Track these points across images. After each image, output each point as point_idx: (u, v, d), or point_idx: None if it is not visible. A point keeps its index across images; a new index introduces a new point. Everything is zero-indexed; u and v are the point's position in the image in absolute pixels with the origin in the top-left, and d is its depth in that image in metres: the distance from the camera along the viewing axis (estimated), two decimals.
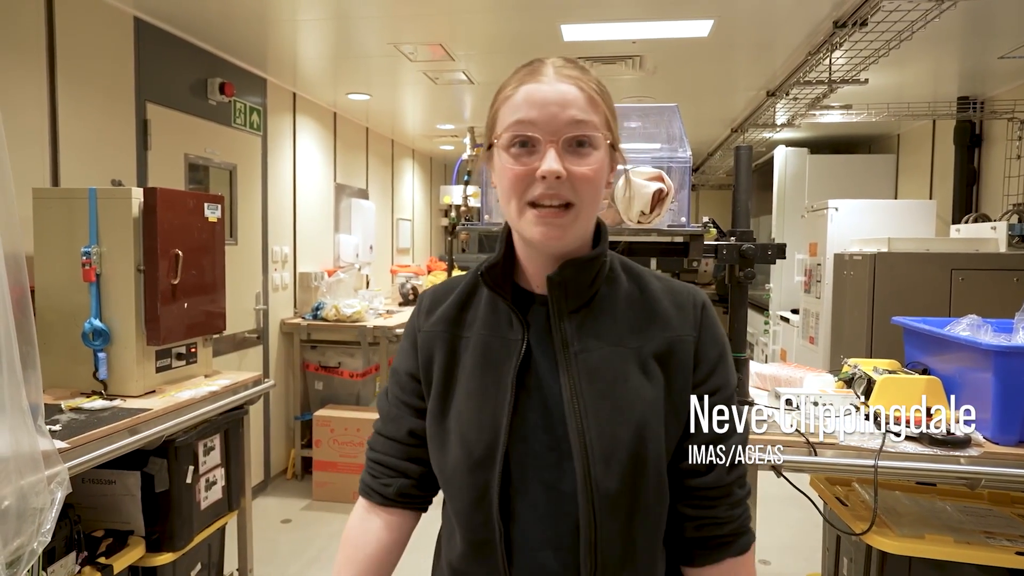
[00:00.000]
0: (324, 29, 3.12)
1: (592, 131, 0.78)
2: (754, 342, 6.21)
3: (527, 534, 0.80)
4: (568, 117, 0.77)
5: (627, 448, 0.78)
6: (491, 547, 0.80)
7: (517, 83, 0.81)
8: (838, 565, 2.11)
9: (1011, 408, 1.65)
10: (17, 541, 1.25)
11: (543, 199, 0.77)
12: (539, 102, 0.78)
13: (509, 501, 0.80)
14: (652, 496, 0.80)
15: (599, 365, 0.81)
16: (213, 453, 2.30)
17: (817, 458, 1.68)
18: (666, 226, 1.85)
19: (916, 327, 2.02)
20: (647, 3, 2.75)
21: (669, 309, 0.85)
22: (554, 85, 0.78)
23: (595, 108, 0.79)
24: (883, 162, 5.49)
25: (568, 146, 0.78)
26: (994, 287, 3.14)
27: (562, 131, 0.77)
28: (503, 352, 0.83)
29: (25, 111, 2.34)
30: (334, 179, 4.89)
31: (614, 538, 0.78)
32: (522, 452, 0.80)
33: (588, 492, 0.77)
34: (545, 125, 0.77)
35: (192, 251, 2.26)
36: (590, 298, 0.84)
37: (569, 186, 0.77)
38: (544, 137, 0.77)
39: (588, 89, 0.79)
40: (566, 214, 0.78)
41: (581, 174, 0.77)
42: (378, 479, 0.93)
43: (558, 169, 0.76)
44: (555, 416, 0.80)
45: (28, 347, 1.34)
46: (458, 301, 0.89)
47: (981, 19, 2.88)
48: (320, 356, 4.25)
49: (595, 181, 0.79)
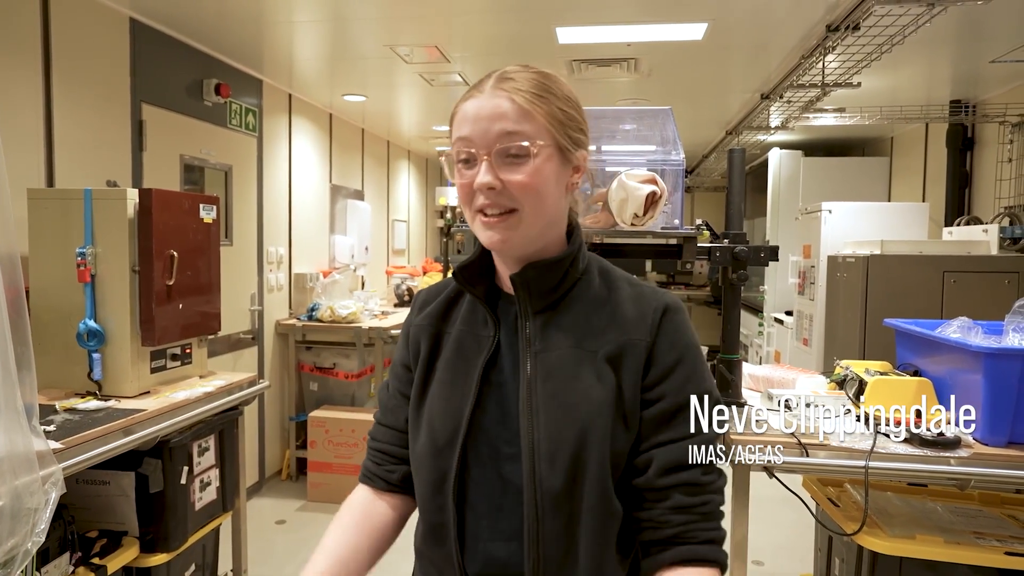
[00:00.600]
0: (320, 31, 3.12)
1: (521, 140, 0.80)
2: (748, 344, 6.23)
3: (480, 523, 0.84)
4: (498, 130, 0.80)
5: (570, 448, 0.80)
6: (446, 531, 0.84)
7: (463, 99, 0.85)
8: (830, 566, 2.13)
9: (1000, 409, 1.67)
10: (11, 541, 1.25)
11: (485, 208, 0.81)
12: (472, 118, 0.82)
13: (465, 490, 0.84)
14: (595, 498, 0.80)
15: (555, 365, 0.83)
16: (208, 454, 2.30)
17: (809, 459, 1.69)
18: (660, 228, 1.87)
19: (907, 329, 2.04)
20: (642, 6, 2.77)
21: (629, 312, 0.86)
22: (487, 100, 0.82)
23: (527, 118, 0.81)
24: (876, 165, 5.53)
25: (501, 157, 0.80)
26: (985, 289, 3.17)
27: (492, 144, 0.80)
28: (475, 347, 0.87)
29: (20, 111, 2.34)
30: (330, 180, 4.89)
31: (557, 535, 0.80)
32: (480, 443, 0.84)
33: (532, 488, 0.80)
34: (478, 139, 0.81)
35: (187, 252, 2.26)
36: (557, 299, 0.86)
37: (508, 194, 0.81)
38: (478, 151, 0.81)
39: (521, 99, 0.81)
40: (509, 219, 0.81)
41: (516, 182, 0.80)
42: (381, 466, 0.96)
43: (489, 181, 0.80)
44: (513, 412, 0.84)
45: (23, 347, 1.34)
46: (446, 299, 0.94)
47: (973, 24, 2.91)
48: (315, 357, 4.25)
49: (533, 186, 0.81)
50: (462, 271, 0.89)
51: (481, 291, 0.89)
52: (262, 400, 3.97)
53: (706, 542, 0.81)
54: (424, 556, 0.90)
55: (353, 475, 3.83)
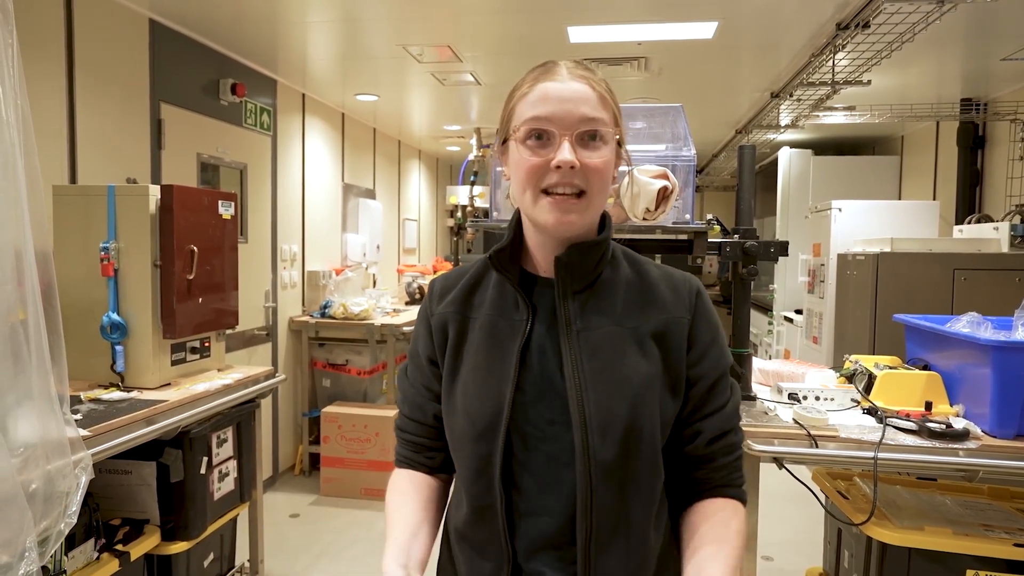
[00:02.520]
0: (333, 31, 3.17)
1: (602, 127, 0.85)
2: (758, 342, 6.24)
3: (528, 501, 0.86)
4: (581, 113, 0.83)
5: (623, 420, 0.83)
6: (492, 512, 0.86)
7: (532, 81, 0.87)
8: (839, 558, 2.15)
9: (1009, 402, 1.69)
10: (44, 523, 1.30)
11: (557, 187, 0.84)
12: (554, 98, 0.84)
13: (511, 470, 0.86)
14: (646, 468, 0.86)
15: (599, 342, 0.87)
16: (226, 445, 2.34)
17: (818, 450, 1.72)
18: (671, 223, 1.89)
19: (917, 324, 2.06)
20: (652, 5, 2.80)
21: (665, 293, 0.91)
22: (568, 83, 0.85)
23: (605, 106, 0.86)
24: (887, 163, 5.52)
25: (580, 139, 0.84)
26: (996, 287, 3.17)
27: (576, 126, 0.83)
28: (508, 331, 0.89)
29: (45, 110, 2.40)
30: (342, 179, 4.94)
31: (608, 506, 0.84)
32: (523, 424, 0.86)
33: (585, 460, 0.83)
34: (560, 120, 0.83)
35: (207, 248, 2.31)
36: (593, 280, 0.90)
37: (581, 175, 0.84)
38: (559, 131, 0.83)
39: (599, 88, 0.86)
40: (579, 201, 0.85)
41: (593, 165, 0.84)
42: (419, 454, 0.99)
43: (572, 159, 0.82)
44: (555, 390, 0.86)
45: (55, 337, 1.38)
46: (468, 285, 0.96)
47: (983, 21, 2.92)
48: (328, 354, 4.30)
49: (604, 172, 0.85)
50: (497, 255, 0.91)
51: (514, 275, 0.91)
52: (276, 396, 4.02)
53: (740, 486, 0.94)
54: (467, 538, 0.91)
55: (365, 470, 3.85)
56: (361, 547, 3.25)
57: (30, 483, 1.29)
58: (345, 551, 3.21)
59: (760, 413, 1.93)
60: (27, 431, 1.31)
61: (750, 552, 1.84)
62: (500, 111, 0.92)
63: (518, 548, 0.86)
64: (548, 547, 0.86)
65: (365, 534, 3.39)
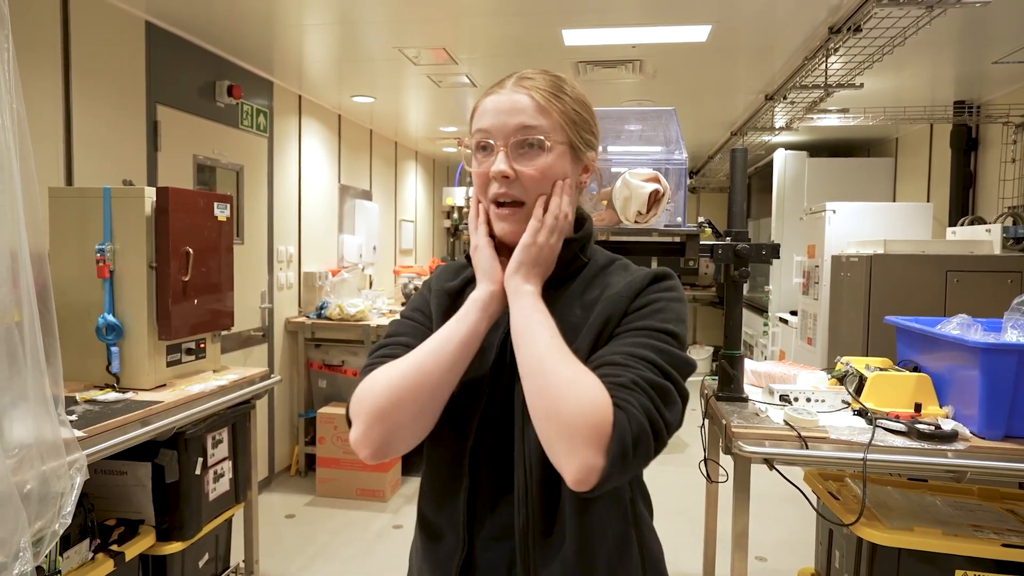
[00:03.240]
0: (330, 33, 3.18)
1: (537, 134, 0.86)
2: (753, 344, 6.26)
3: (487, 486, 0.88)
4: (516, 122, 0.86)
5: None
6: (456, 494, 0.88)
7: (484, 95, 0.90)
8: (830, 558, 2.16)
9: (996, 404, 1.71)
10: (39, 523, 1.31)
11: (497, 197, 0.87)
12: (493, 110, 0.87)
13: (480, 456, 0.88)
14: None
15: None
16: (221, 446, 2.35)
17: (809, 451, 1.73)
18: (663, 226, 1.91)
19: (907, 326, 2.07)
20: (647, 8, 2.81)
21: (619, 282, 0.89)
22: (508, 95, 0.87)
23: (544, 114, 0.86)
24: (881, 165, 5.54)
25: (517, 148, 0.86)
26: (988, 288, 3.19)
27: (510, 135, 0.86)
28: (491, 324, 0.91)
29: (41, 112, 2.41)
30: (338, 180, 4.95)
31: (540, 492, 0.84)
32: (495, 412, 0.88)
33: (522, 447, 0.84)
34: (497, 131, 0.86)
35: (202, 249, 2.32)
36: (559, 281, 0.91)
37: (519, 185, 0.86)
38: (496, 141, 0.86)
39: (539, 97, 0.87)
40: (519, 211, 0.87)
41: (527, 174, 0.86)
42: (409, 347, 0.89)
43: (504, 169, 0.85)
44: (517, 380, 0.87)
45: (50, 339, 1.39)
46: (464, 280, 0.98)
47: (975, 25, 2.94)
48: (324, 355, 4.31)
49: (543, 180, 0.86)
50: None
51: None
52: (272, 396, 4.03)
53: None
54: (426, 520, 0.92)
55: (362, 471, 3.86)
56: (356, 548, 3.26)
57: (25, 484, 1.30)
58: (340, 552, 3.22)
59: (751, 414, 1.94)
60: (22, 432, 1.32)
61: (742, 552, 1.86)
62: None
63: (474, 533, 0.87)
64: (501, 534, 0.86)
65: (360, 535, 3.40)
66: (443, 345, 0.82)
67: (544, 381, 0.75)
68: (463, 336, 0.82)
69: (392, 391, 0.81)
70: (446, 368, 0.81)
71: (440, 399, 0.83)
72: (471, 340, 0.83)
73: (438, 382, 0.81)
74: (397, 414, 0.80)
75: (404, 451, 0.84)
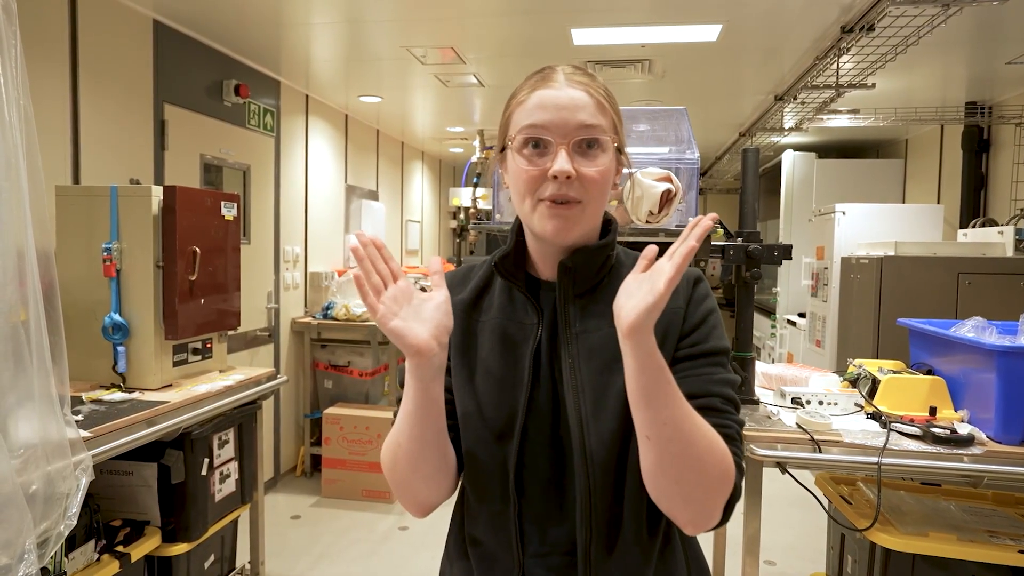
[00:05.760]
0: (337, 32, 3.17)
1: (600, 134, 0.83)
2: (761, 346, 6.22)
3: (536, 505, 0.86)
4: (578, 121, 0.82)
5: (618, 420, 0.82)
6: (506, 516, 0.86)
7: (530, 89, 0.85)
8: (842, 563, 2.14)
9: (1014, 408, 1.68)
10: (44, 524, 1.29)
11: (557, 197, 0.82)
12: (551, 106, 0.82)
13: (523, 474, 0.86)
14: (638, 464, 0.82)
15: (597, 345, 0.86)
16: (227, 446, 2.34)
17: (821, 455, 1.71)
18: (674, 226, 1.89)
19: (921, 328, 2.04)
20: (657, 8, 2.79)
21: None
22: (565, 90, 0.83)
23: (603, 113, 0.84)
24: (891, 167, 5.50)
25: (578, 148, 0.82)
26: (1001, 291, 3.16)
27: (572, 134, 0.82)
28: (520, 335, 0.89)
29: (48, 110, 2.40)
30: (345, 180, 4.95)
31: (608, 506, 0.83)
32: (535, 428, 0.86)
33: (584, 462, 0.82)
34: (556, 128, 0.82)
35: (209, 248, 2.31)
36: (594, 285, 0.89)
37: (578, 185, 0.82)
38: (555, 139, 0.82)
39: (597, 95, 0.84)
40: (574, 208, 0.83)
41: (589, 175, 0.82)
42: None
43: (569, 169, 0.80)
44: (559, 393, 0.86)
45: (56, 338, 1.38)
46: (476, 288, 0.95)
47: (989, 25, 2.91)
48: (330, 355, 4.30)
49: (601, 182, 0.84)
50: (503, 263, 0.92)
51: (522, 280, 0.91)
52: (278, 397, 4.02)
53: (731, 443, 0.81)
54: (478, 544, 0.90)
55: (367, 472, 3.84)
56: (362, 549, 3.25)
57: (30, 484, 1.29)
58: (346, 553, 3.20)
59: (763, 417, 1.92)
60: (27, 432, 1.31)
61: (753, 557, 1.83)
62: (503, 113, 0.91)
63: (528, 552, 0.86)
64: (555, 551, 0.85)
65: (366, 536, 3.38)
66: (402, 419, 0.83)
67: (688, 445, 0.75)
68: (409, 407, 0.82)
69: (392, 467, 0.87)
70: (416, 437, 0.83)
71: (428, 459, 0.84)
72: (420, 406, 0.81)
73: (419, 450, 0.83)
74: (406, 482, 0.87)
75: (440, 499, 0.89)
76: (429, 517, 0.97)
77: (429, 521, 3.50)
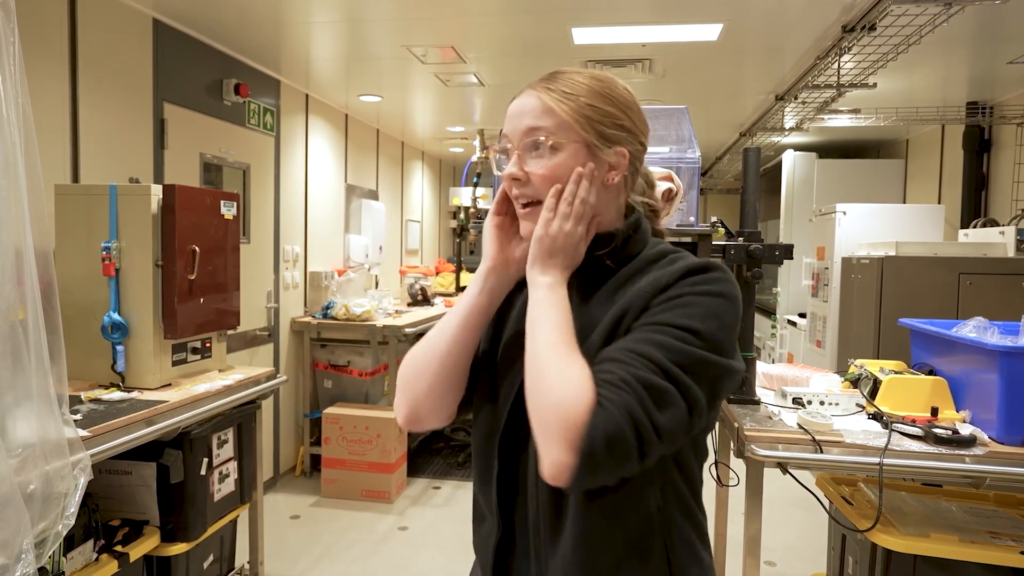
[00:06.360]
0: (337, 31, 3.16)
1: (543, 134, 0.85)
2: (761, 346, 6.22)
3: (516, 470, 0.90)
4: (524, 125, 0.87)
5: None
6: (490, 476, 0.91)
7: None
8: (843, 564, 2.13)
9: (1016, 408, 1.67)
10: (42, 524, 1.29)
11: (516, 199, 0.89)
12: (510, 115, 0.89)
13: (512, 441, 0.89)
14: None
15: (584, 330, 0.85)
16: (226, 446, 2.34)
17: (823, 455, 1.70)
18: (675, 226, 1.88)
19: (923, 328, 2.04)
20: (657, 7, 2.79)
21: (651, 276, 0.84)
22: (520, 99, 0.89)
23: (549, 114, 0.85)
24: (892, 167, 5.50)
25: (528, 151, 0.87)
26: (1002, 291, 3.15)
27: (520, 138, 0.87)
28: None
29: (47, 109, 2.39)
30: (345, 180, 4.94)
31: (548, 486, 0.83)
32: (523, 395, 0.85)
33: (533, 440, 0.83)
34: (512, 135, 0.88)
35: (209, 248, 2.31)
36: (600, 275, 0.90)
37: (532, 186, 0.87)
38: (511, 146, 0.89)
39: (546, 97, 0.86)
40: (535, 211, 0.87)
41: (537, 174, 0.86)
42: None
43: (513, 172, 0.87)
44: None
45: (54, 337, 1.38)
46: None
47: (990, 24, 2.90)
48: (330, 355, 4.29)
49: (552, 180, 0.85)
50: None
51: None
52: (277, 396, 4.02)
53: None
54: (475, 501, 0.98)
55: (367, 472, 3.84)
56: (361, 549, 3.24)
57: (28, 484, 1.28)
58: (345, 553, 3.20)
59: (764, 417, 1.91)
60: (25, 431, 1.30)
61: (754, 558, 1.83)
62: (503, 113, 0.93)
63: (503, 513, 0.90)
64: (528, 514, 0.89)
65: (366, 536, 3.38)
66: (448, 319, 0.90)
67: (537, 374, 0.76)
68: (461, 309, 0.89)
69: (412, 363, 0.91)
70: (451, 339, 0.88)
71: (448, 369, 0.89)
72: (470, 312, 0.88)
73: (446, 352, 0.88)
74: (417, 383, 0.90)
75: (432, 424, 0.93)
76: (428, 518, 0.97)
77: (429, 521, 3.52)
